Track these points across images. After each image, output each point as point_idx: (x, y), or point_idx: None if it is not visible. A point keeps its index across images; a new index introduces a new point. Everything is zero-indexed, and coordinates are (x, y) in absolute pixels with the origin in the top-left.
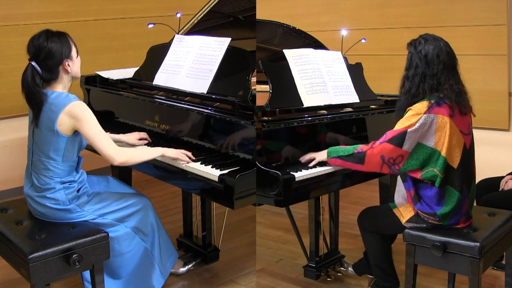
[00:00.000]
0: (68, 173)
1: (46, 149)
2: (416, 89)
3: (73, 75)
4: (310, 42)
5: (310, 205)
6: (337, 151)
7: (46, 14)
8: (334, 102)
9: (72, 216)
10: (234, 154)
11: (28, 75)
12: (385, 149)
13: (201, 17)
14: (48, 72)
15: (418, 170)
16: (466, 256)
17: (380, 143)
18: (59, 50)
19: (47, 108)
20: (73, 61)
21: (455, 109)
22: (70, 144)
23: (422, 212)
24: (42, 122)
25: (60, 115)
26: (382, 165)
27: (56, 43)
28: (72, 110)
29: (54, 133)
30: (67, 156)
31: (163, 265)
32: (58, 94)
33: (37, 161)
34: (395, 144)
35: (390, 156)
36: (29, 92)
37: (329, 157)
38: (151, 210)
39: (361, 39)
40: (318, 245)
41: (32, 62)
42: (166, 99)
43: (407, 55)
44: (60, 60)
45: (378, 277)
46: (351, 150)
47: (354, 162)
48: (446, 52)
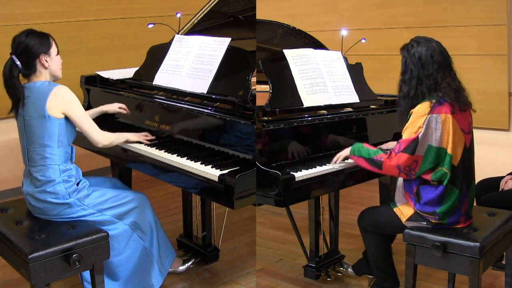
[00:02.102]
0: (65, 159)
1: (40, 137)
2: (415, 91)
3: (52, 72)
4: (310, 42)
5: (310, 205)
6: (359, 150)
7: (46, 14)
8: (334, 102)
9: (72, 211)
10: (234, 154)
11: (7, 67)
12: (401, 159)
13: (201, 17)
14: (25, 66)
15: (430, 171)
16: (466, 256)
17: (395, 153)
18: (36, 45)
19: (34, 98)
20: (51, 58)
21: (456, 106)
22: (62, 128)
23: (422, 212)
24: (31, 114)
25: (48, 100)
26: (399, 173)
27: (34, 39)
28: (58, 93)
29: (46, 119)
30: (61, 141)
31: (162, 264)
32: (41, 83)
33: (33, 154)
34: (409, 153)
35: (405, 165)
36: (7, 84)
37: (351, 154)
38: (148, 208)
39: (361, 39)
40: (318, 245)
41: (12, 56)
42: (166, 99)
43: (401, 60)
44: (36, 54)
45: (378, 277)
46: (371, 154)
47: (374, 167)
48: (440, 51)
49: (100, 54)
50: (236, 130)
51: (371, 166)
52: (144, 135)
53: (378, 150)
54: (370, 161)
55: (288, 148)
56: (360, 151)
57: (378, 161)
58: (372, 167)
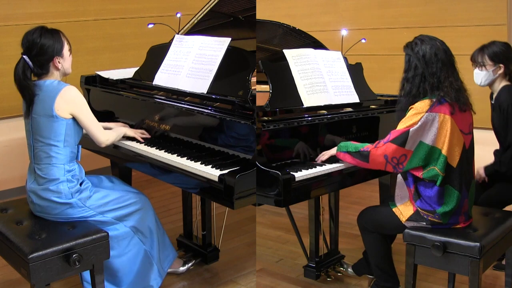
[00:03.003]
0: (71, 159)
1: (47, 136)
2: (417, 89)
3: (64, 71)
4: (310, 42)
5: (310, 205)
6: (346, 146)
7: (46, 14)
8: (334, 102)
9: (73, 211)
10: (234, 154)
11: (19, 68)
12: (388, 149)
13: (201, 17)
14: (39, 67)
15: (420, 168)
16: (466, 256)
17: (384, 143)
18: (51, 47)
19: (42, 96)
20: (64, 59)
21: (455, 106)
22: (69, 128)
23: (422, 210)
24: (39, 112)
25: (57, 100)
26: (386, 164)
27: (49, 40)
28: (67, 93)
29: (53, 118)
30: (68, 141)
31: (161, 265)
32: (51, 82)
33: (39, 152)
34: (398, 144)
35: (393, 156)
36: (20, 85)
37: (338, 151)
38: (150, 210)
39: (361, 39)
40: (318, 245)
41: (24, 56)
42: (166, 99)
43: (405, 58)
44: (51, 57)
45: (378, 277)
46: (358, 147)
47: (360, 159)
48: (443, 50)
49: (100, 54)
50: (236, 130)
51: (357, 159)
52: (141, 132)
53: (365, 143)
54: (356, 154)
55: (288, 148)
56: (347, 146)
57: (365, 151)
58: (359, 160)
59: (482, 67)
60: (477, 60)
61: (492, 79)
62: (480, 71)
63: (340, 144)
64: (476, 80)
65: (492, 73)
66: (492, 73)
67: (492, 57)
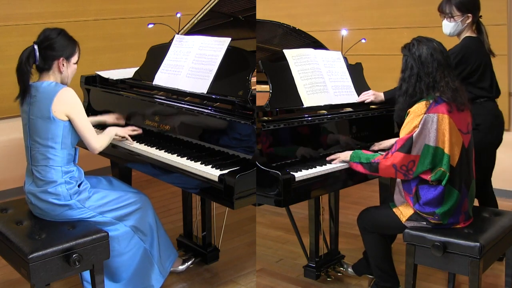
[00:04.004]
0: (68, 161)
1: (44, 138)
2: (413, 89)
3: (63, 79)
4: (310, 42)
5: (310, 205)
6: (359, 156)
7: (46, 14)
8: (334, 102)
9: (72, 213)
10: (234, 154)
11: (25, 53)
12: (396, 158)
13: (201, 17)
14: (43, 59)
15: (428, 172)
16: (466, 256)
17: (391, 153)
18: (62, 47)
19: (39, 98)
20: (69, 65)
21: (453, 106)
22: (67, 130)
23: (421, 212)
24: (36, 113)
25: (54, 101)
26: (396, 173)
27: (64, 41)
28: (64, 95)
29: (50, 120)
30: (65, 143)
31: (162, 265)
32: (48, 83)
33: (36, 154)
34: (405, 152)
35: (402, 164)
36: (20, 68)
37: (351, 161)
38: (150, 209)
39: (361, 39)
40: (318, 245)
41: (35, 45)
42: (166, 99)
43: (402, 58)
44: (58, 55)
45: (378, 277)
46: (370, 158)
47: (371, 170)
48: (440, 51)
49: (100, 54)
50: (236, 130)
51: (368, 170)
52: (132, 129)
53: (377, 154)
54: (367, 165)
55: (288, 148)
56: (359, 157)
57: (375, 163)
58: (369, 171)
59: (451, 18)
60: (444, 11)
61: (461, 29)
62: (449, 22)
63: (353, 154)
64: (445, 30)
65: (461, 23)
66: (460, 23)
67: (460, 7)
